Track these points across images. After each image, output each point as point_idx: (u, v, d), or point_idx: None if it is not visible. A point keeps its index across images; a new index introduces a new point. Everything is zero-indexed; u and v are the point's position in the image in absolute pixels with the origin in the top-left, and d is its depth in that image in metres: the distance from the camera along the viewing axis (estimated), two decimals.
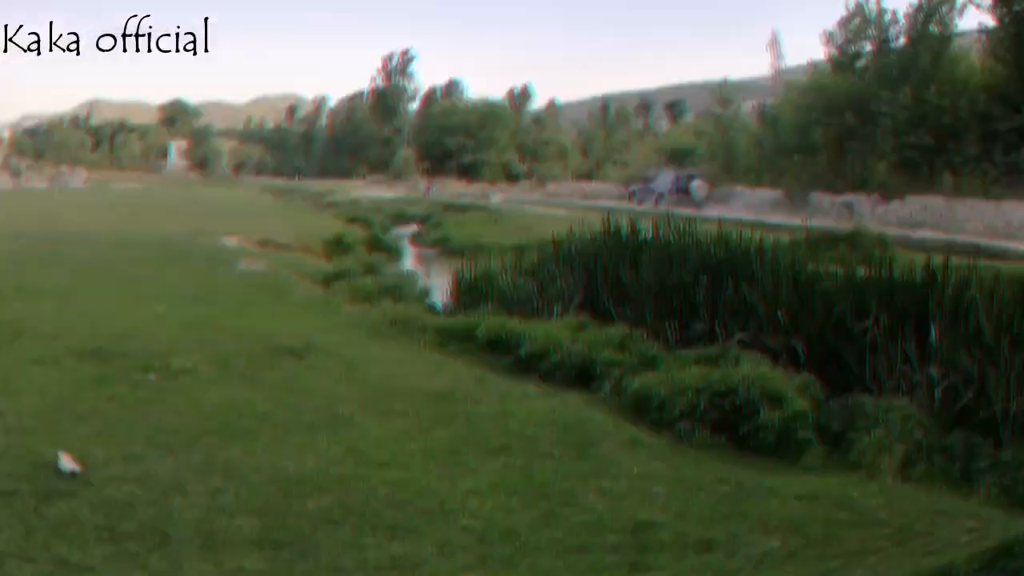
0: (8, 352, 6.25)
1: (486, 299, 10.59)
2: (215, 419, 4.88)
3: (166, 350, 6.49)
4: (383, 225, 31.96)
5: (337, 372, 6.26)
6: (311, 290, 11.38)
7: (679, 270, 9.69)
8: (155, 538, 3.19)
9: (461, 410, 5.53)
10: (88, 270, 11.34)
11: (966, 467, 5.23)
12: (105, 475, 3.86)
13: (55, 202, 35.11)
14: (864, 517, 3.98)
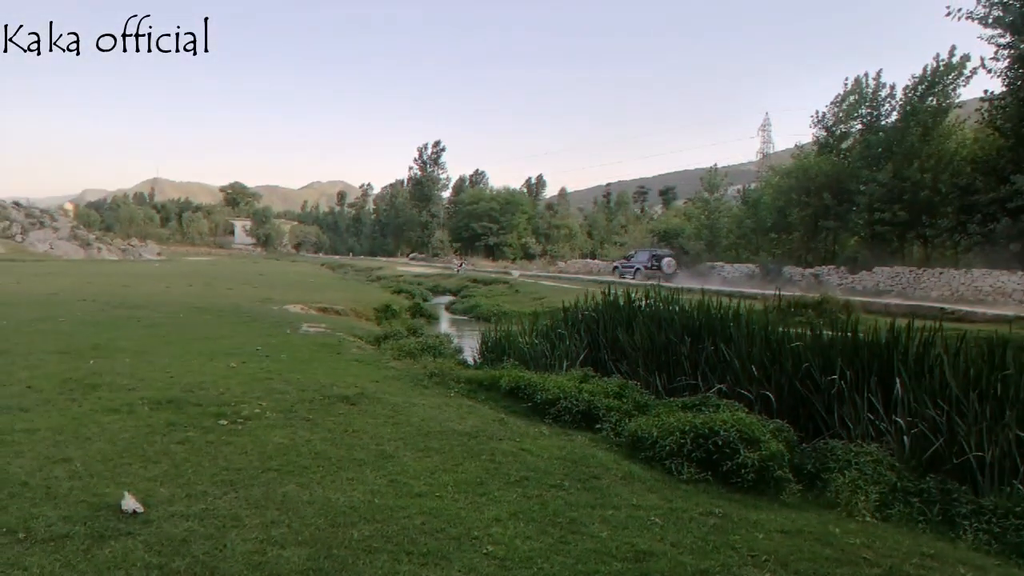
0: (83, 403, 6.00)
1: (507, 355, 10.72)
2: (276, 458, 4.81)
3: (237, 399, 6.43)
4: (423, 295, 32.43)
5: (384, 416, 6.26)
6: (363, 348, 11.42)
7: (666, 332, 9.91)
8: (204, 573, 3.09)
9: (486, 447, 5.55)
10: (164, 331, 11.18)
11: (945, 511, 5.17)
12: (166, 513, 3.73)
13: (129, 271, 35.17)
14: (848, 555, 3.95)
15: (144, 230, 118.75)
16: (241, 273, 37.73)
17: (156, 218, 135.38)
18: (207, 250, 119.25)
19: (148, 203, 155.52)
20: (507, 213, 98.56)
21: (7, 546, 3.19)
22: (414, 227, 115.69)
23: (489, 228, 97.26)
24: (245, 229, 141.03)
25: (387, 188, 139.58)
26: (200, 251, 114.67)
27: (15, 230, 70.34)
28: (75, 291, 18.96)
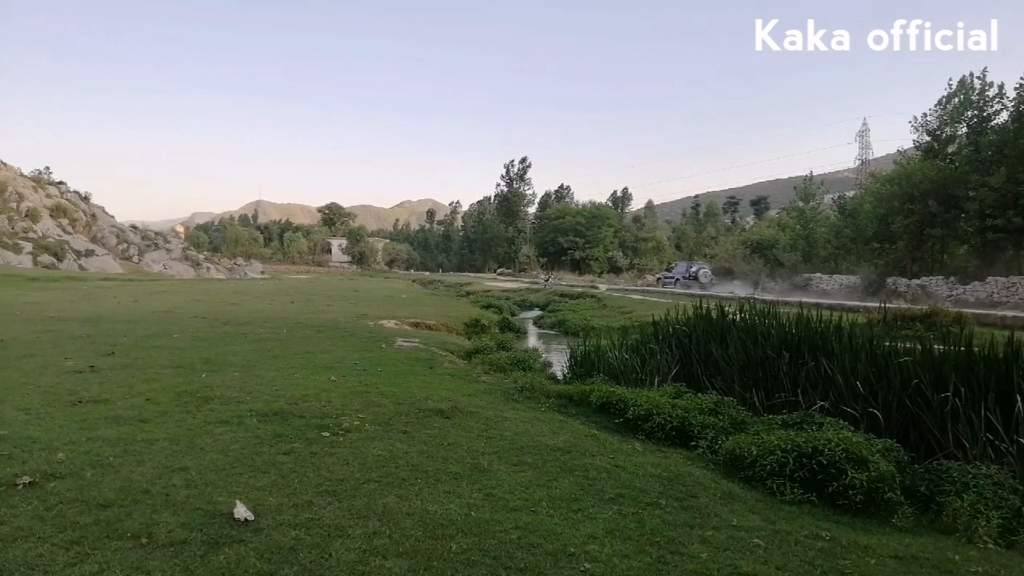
0: (197, 415, 6.27)
1: (597, 370, 10.63)
2: (376, 469, 4.91)
3: (337, 412, 6.60)
4: (511, 310, 32.65)
5: (477, 430, 6.30)
6: (455, 362, 11.56)
7: (763, 346, 9.52)
8: None
9: (579, 463, 5.50)
10: (269, 346, 11.56)
11: None
12: (275, 521, 3.86)
13: (235, 289, 36.70)
14: None
15: (249, 250, 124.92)
16: (338, 290, 38.98)
17: (260, 238, 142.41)
18: (306, 268, 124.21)
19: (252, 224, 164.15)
20: (593, 227, 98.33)
21: (132, 550, 3.39)
22: (501, 242, 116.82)
23: (575, 242, 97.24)
24: (341, 247, 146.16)
25: (475, 205, 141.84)
26: (300, 269, 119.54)
27: (133, 251, 75.39)
28: (187, 309, 20.05)
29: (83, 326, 13.74)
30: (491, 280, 73.68)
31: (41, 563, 3.20)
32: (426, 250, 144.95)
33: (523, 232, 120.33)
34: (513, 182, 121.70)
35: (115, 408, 6.38)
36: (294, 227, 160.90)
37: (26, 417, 5.92)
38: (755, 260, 55.51)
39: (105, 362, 9.09)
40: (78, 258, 63.78)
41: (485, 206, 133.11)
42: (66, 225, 70.83)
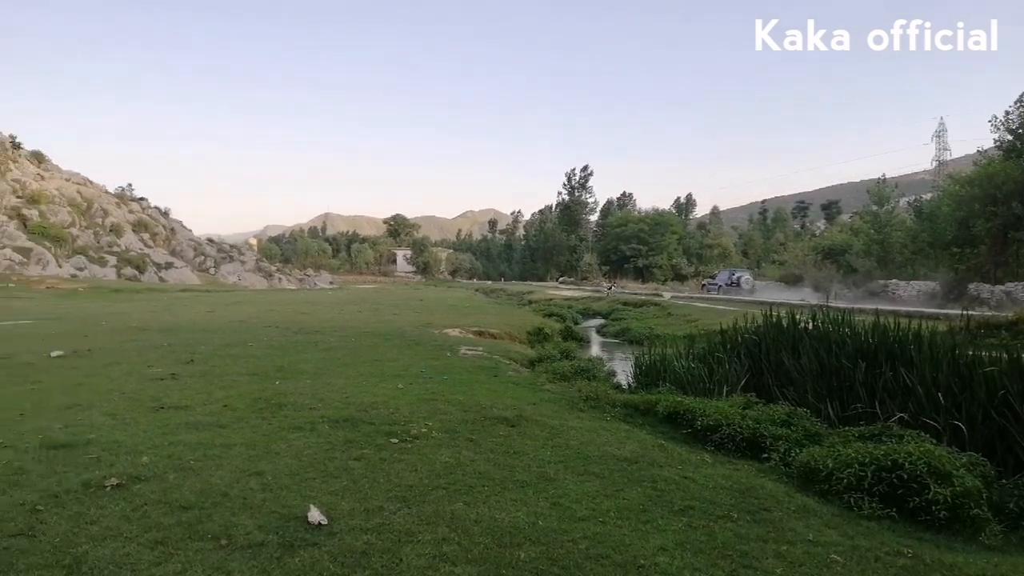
0: (271, 421, 6.43)
1: (662, 380, 10.47)
2: (444, 476, 4.95)
3: (405, 419, 6.68)
4: (573, 318, 32.54)
5: (543, 438, 6.29)
6: (519, 371, 11.57)
7: (837, 356, 9.19)
8: None
9: (647, 474, 5.41)
10: (339, 354, 11.76)
11: None
12: (347, 526, 3.92)
13: (306, 299, 37.60)
14: None
15: (318, 261, 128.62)
16: (403, 299, 39.61)
17: (328, 250, 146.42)
18: (372, 278, 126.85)
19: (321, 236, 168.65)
20: (656, 234, 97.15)
21: (212, 551, 3.50)
22: (563, 251, 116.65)
23: (638, 250, 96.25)
24: (406, 258, 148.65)
25: (536, 214, 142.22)
26: (366, 279, 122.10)
27: (209, 264, 78.40)
28: (260, 318, 20.70)
29: (164, 335, 14.34)
30: (553, 289, 73.64)
31: (128, 561, 3.34)
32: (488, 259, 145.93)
33: (585, 240, 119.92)
34: (575, 191, 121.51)
35: (195, 414, 6.62)
36: (361, 238, 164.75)
37: (113, 422, 6.20)
38: (827, 266, 53.96)
39: (185, 369, 9.45)
40: (158, 270, 66.75)
41: (547, 215, 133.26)
42: (147, 239, 74.22)
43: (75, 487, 4.32)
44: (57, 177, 74.29)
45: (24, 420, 6.20)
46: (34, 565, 3.26)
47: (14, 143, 73.96)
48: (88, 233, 66.95)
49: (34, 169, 72.18)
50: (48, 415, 6.42)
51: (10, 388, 7.85)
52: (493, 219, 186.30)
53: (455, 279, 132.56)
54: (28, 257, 55.13)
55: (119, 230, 71.14)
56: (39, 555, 3.37)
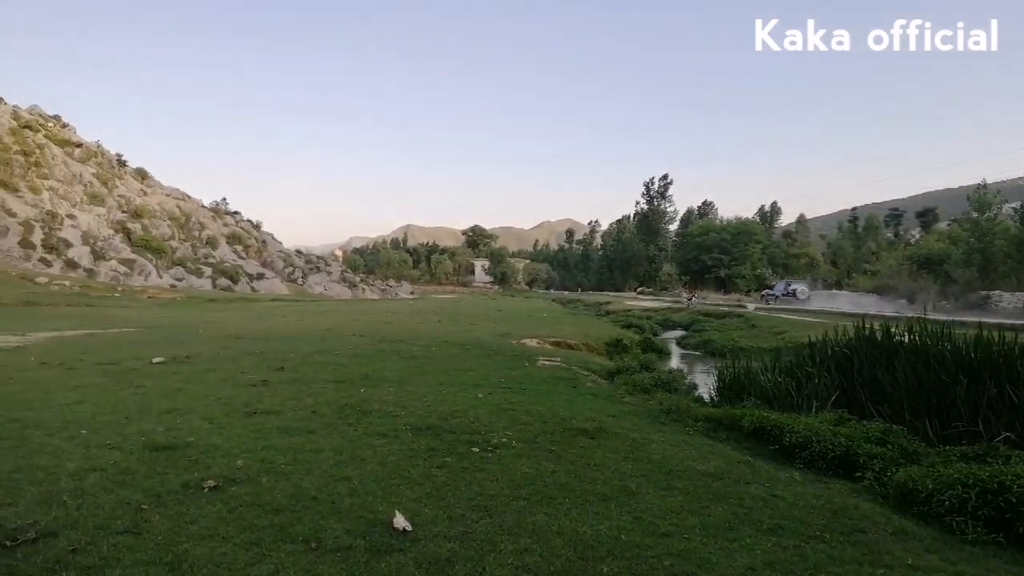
0: (357, 427, 6.58)
1: (747, 394, 10.18)
2: (525, 487, 4.94)
3: (485, 428, 6.74)
4: (652, 330, 32.04)
5: (624, 451, 6.20)
6: (598, 382, 11.48)
7: (936, 371, 8.66)
8: None
9: (733, 490, 5.25)
10: (420, 363, 11.94)
11: None
12: (431, 533, 3.98)
13: (388, 309, 38.28)
14: None
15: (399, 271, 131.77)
16: (481, 309, 39.97)
17: (409, 260, 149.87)
18: (451, 288, 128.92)
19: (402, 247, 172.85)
20: (739, 243, 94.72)
21: (303, 553, 3.61)
22: (641, 261, 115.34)
23: (720, 260, 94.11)
24: (484, 268, 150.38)
25: (614, 224, 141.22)
26: (445, 289, 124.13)
27: (297, 274, 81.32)
28: (345, 327, 21.27)
29: (256, 343, 14.94)
30: (631, 299, 72.85)
31: (225, 561, 3.48)
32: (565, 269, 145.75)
33: (664, 250, 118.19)
34: (654, 200, 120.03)
35: (285, 419, 6.86)
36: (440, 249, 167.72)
37: (209, 426, 6.50)
38: (923, 277, 51.38)
39: (276, 376, 9.81)
40: (250, 281, 69.79)
41: (625, 224, 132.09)
42: (240, 251, 77.76)
43: (176, 488, 4.55)
44: (158, 192, 78.87)
45: (129, 423, 6.57)
46: (139, 561, 3.44)
47: (120, 161, 79.10)
48: (186, 245, 70.76)
49: (138, 185, 76.89)
50: (150, 418, 6.78)
51: (116, 392, 8.33)
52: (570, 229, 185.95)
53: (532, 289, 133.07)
54: (132, 268, 58.73)
55: (214, 242, 74.87)
56: (144, 552, 3.55)
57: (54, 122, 74.65)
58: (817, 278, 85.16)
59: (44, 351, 12.71)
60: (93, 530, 3.80)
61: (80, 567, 3.35)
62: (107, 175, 72.07)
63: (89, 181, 68.21)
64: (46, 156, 64.98)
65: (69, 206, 62.55)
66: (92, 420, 6.61)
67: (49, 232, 56.65)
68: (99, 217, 64.62)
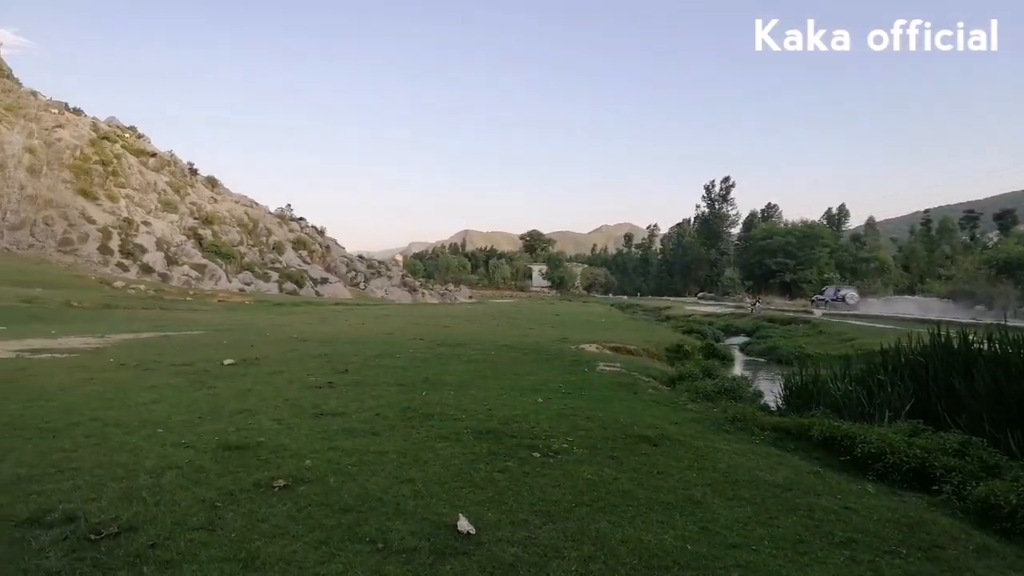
0: (420, 430, 6.66)
1: (815, 402, 9.90)
2: (587, 493, 4.92)
3: (546, 433, 6.72)
4: (714, 335, 31.46)
5: (687, 459, 6.10)
6: (659, 389, 11.33)
7: (1019, 380, 8.24)
8: None
9: (803, 502, 5.10)
10: (480, 367, 12.00)
11: None
12: (494, 537, 3.99)
13: (447, 313, 38.63)
14: None
15: (458, 276, 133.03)
16: (539, 314, 39.96)
17: (467, 265, 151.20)
18: (509, 293, 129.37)
19: (460, 252, 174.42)
20: (805, 247, 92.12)
21: (370, 554, 3.68)
22: (702, 265, 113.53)
23: (785, 264, 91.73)
24: (541, 273, 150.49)
25: (674, 228, 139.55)
26: (503, 294, 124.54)
27: (359, 279, 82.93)
28: (406, 331, 21.58)
29: (321, 346, 15.29)
30: (692, 304, 71.71)
31: (295, 559, 3.57)
32: (623, 274, 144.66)
33: (726, 254, 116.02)
34: (715, 203, 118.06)
35: (350, 421, 7.00)
36: (498, 254, 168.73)
37: (278, 426, 6.68)
38: (1002, 281, 49.05)
39: (340, 379, 10.02)
40: (315, 285, 71.49)
41: (685, 228, 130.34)
42: (305, 256, 79.76)
43: (248, 486, 4.69)
44: (228, 199, 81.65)
45: (202, 422, 6.81)
46: (214, 558, 3.56)
47: (192, 170, 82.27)
48: (254, 251, 73.03)
49: (208, 193, 79.79)
50: (223, 418, 7.01)
51: (190, 393, 8.65)
52: (629, 233, 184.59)
53: (590, 294, 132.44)
54: (203, 273, 60.94)
55: (281, 248, 77.03)
56: (218, 548, 3.68)
57: (130, 133, 78.33)
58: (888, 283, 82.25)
59: (122, 352, 13.30)
60: (171, 526, 3.95)
61: (159, 562, 3.49)
62: (180, 183, 75.06)
63: (163, 189, 71.21)
64: (123, 165, 68.17)
65: (144, 213, 65.41)
66: (168, 419, 6.88)
67: (126, 238, 59.35)
68: (172, 224, 67.36)
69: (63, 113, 71.22)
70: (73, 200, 59.64)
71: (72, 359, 12.14)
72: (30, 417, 6.86)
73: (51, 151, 61.85)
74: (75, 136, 66.03)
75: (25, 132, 60.82)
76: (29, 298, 29.29)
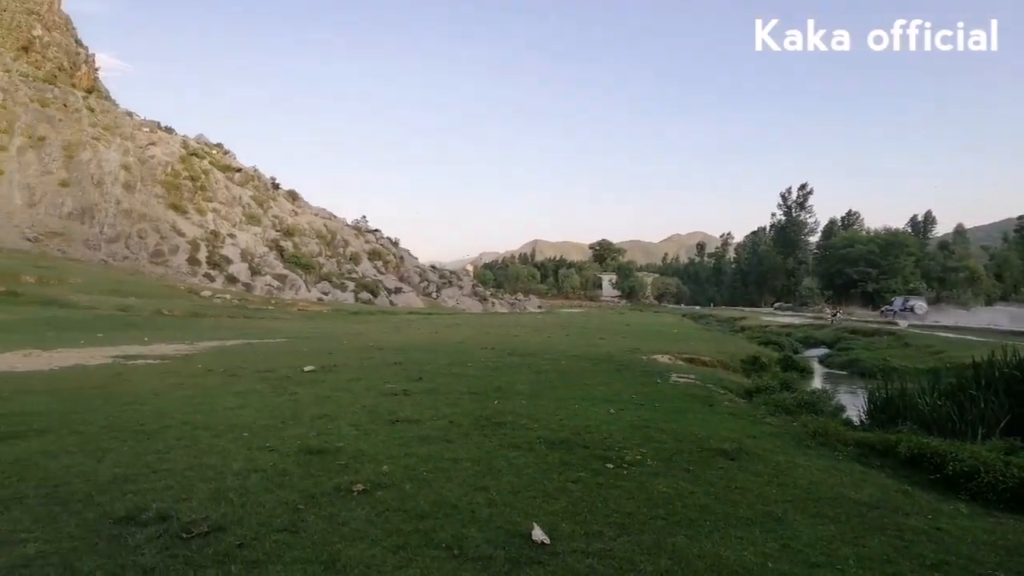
0: (492, 438, 6.70)
1: (901, 417, 9.47)
2: (662, 506, 4.83)
3: (619, 444, 6.65)
4: (793, 347, 30.49)
5: (767, 474, 5.91)
6: (735, 401, 11.06)
7: None
8: None
9: (890, 521, 4.87)
10: (550, 377, 11.95)
11: None
12: (569, 547, 3.96)
13: (517, 322, 38.63)
14: None
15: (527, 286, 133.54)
16: (609, 323, 39.58)
17: (536, 275, 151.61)
18: (578, 302, 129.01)
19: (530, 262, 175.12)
20: (888, 256, 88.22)
21: (446, 560, 3.72)
22: (779, 275, 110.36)
23: (866, 273, 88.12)
24: (611, 282, 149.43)
25: (748, 236, 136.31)
26: (572, 303, 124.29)
27: (432, 288, 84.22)
28: (477, 340, 21.73)
29: (395, 354, 15.59)
30: (768, 315, 69.72)
31: (375, 563, 3.64)
32: (696, 284, 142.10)
33: (804, 263, 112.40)
34: (792, 210, 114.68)
35: (425, 428, 7.10)
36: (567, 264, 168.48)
37: (356, 432, 6.84)
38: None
39: (414, 386, 10.19)
40: (389, 295, 73.07)
41: (760, 236, 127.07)
42: (380, 266, 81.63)
43: (328, 490, 4.82)
44: (307, 212, 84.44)
45: (285, 427, 7.05)
46: (298, 559, 3.67)
47: (274, 184, 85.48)
48: (332, 261, 75.29)
49: (289, 206, 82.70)
50: (304, 423, 7.24)
51: (273, 399, 8.97)
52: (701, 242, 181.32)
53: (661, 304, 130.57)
54: (284, 283, 63.18)
55: (357, 258, 79.12)
56: (301, 550, 3.79)
57: (217, 150, 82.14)
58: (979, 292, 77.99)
59: (209, 359, 13.91)
60: (256, 527, 4.10)
61: (246, 561, 3.62)
62: (263, 197, 78.18)
63: (247, 203, 74.34)
64: (210, 181, 71.61)
65: (230, 226, 68.45)
66: (252, 423, 7.15)
67: (212, 250, 62.22)
68: (255, 236, 70.21)
69: (156, 132, 75.52)
70: (164, 214, 63.04)
71: (164, 365, 12.78)
72: (126, 420, 7.25)
73: (145, 168, 65.57)
74: (167, 153, 69.87)
75: (121, 150, 64.68)
76: (124, 307, 31.00)
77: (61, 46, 74.99)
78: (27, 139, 58.76)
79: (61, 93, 66.37)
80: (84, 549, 3.72)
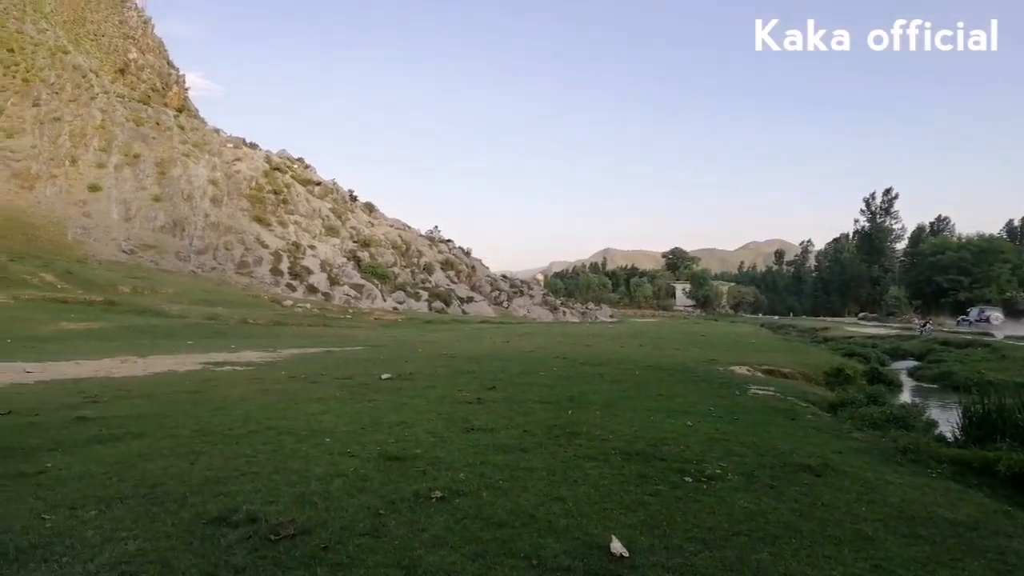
0: (567, 448, 6.65)
1: (1000, 434, 8.91)
2: (744, 522, 4.69)
3: (697, 457, 6.50)
4: (879, 359, 29.17)
5: (855, 492, 5.65)
6: (818, 415, 10.66)
7: None
8: None
9: (991, 543, 4.57)
10: (625, 387, 11.85)
11: None
12: (648, 561, 3.88)
13: (588, 332, 38.49)
14: None
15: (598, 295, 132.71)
16: (684, 333, 38.90)
17: (608, 284, 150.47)
18: (651, 312, 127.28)
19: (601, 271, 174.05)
20: (982, 263, 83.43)
21: (525, 570, 3.72)
22: (863, 283, 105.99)
23: (958, 282, 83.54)
24: (684, 291, 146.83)
25: (830, 244, 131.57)
26: (645, 313, 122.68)
27: (503, 298, 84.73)
28: (549, 349, 21.75)
29: (468, 363, 15.76)
30: (852, 325, 67.03)
31: (455, 570, 3.67)
32: (774, 293, 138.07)
33: (890, 271, 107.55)
34: (876, 216, 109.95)
35: (499, 437, 7.14)
36: (639, 273, 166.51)
37: (433, 439, 6.93)
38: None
39: (488, 395, 10.26)
40: (461, 304, 73.95)
41: (843, 244, 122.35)
42: (452, 276, 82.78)
43: (408, 496, 4.90)
44: (383, 223, 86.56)
45: (365, 433, 7.21)
46: (379, 563, 3.74)
47: (352, 196, 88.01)
48: (406, 271, 76.84)
49: (366, 217, 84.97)
50: (383, 430, 7.39)
51: (352, 405, 9.19)
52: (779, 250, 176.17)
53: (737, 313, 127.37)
54: (361, 292, 64.87)
55: (430, 268, 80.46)
56: (383, 555, 3.86)
57: (298, 164, 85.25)
58: None
59: (291, 366, 14.40)
60: (339, 531, 4.20)
61: (331, 564, 3.71)
62: (341, 209, 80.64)
63: (326, 215, 76.83)
64: (292, 194, 74.37)
65: (310, 238, 70.85)
66: (334, 429, 7.35)
67: (294, 261, 64.48)
68: (334, 247, 72.44)
69: (241, 147, 79.06)
70: (249, 226, 65.85)
71: (249, 372, 13.30)
72: (216, 424, 7.58)
73: (231, 182, 68.69)
74: (251, 168, 73.03)
75: (209, 166, 67.97)
76: (212, 315, 32.46)
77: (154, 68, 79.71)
78: (123, 156, 62.56)
79: (154, 112, 70.46)
80: (180, 548, 3.88)
